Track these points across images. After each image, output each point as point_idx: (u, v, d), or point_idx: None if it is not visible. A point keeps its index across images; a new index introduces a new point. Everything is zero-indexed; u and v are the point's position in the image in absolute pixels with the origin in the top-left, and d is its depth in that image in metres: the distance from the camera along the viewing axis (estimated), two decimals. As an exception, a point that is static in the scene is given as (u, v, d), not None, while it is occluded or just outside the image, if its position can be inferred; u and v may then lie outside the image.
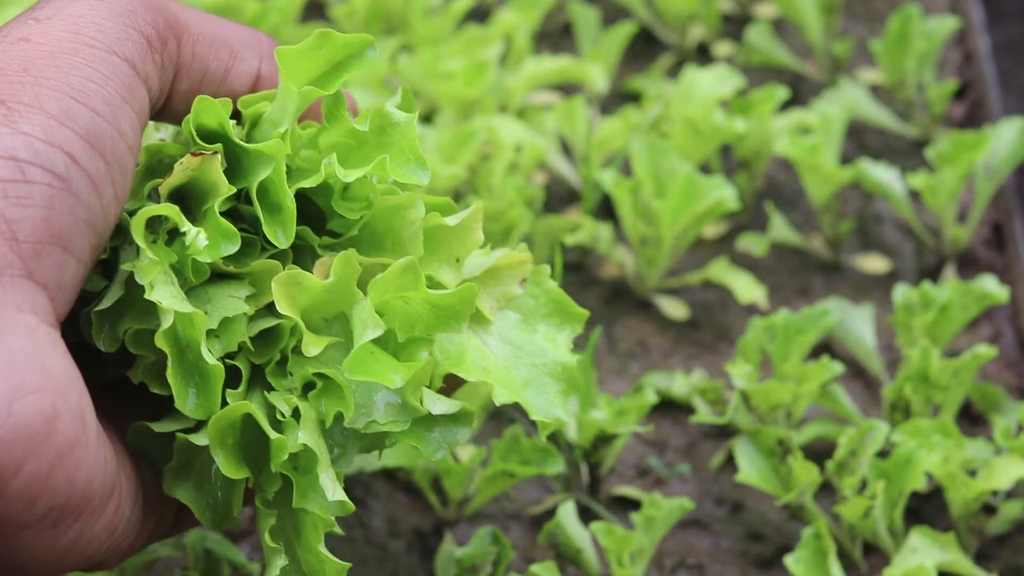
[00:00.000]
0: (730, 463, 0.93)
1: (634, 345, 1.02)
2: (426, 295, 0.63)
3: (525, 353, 0.68)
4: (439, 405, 0.64)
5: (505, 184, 1.01)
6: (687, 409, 0.96)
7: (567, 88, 1.24)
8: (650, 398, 0.87)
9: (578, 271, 1.08)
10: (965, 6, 1.30)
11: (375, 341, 0.61)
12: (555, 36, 1.32)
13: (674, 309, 1.04)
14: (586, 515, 0.89)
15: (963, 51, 1.28)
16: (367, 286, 0.63)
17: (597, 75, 1.17)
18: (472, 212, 0.67)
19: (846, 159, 1.17)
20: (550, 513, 0.90)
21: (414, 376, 0.62)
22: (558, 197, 1.14)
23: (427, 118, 1.19)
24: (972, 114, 1.21)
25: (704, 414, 0.89)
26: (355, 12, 1.25)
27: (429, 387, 0.64)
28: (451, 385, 0.67)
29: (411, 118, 0.65)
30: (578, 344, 0.91)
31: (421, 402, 0.63)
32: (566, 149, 1.17)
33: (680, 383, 0.93)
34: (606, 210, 1.11)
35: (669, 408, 0.97)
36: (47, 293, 0.56)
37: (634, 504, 0.90)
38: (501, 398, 0.65)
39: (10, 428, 0.53)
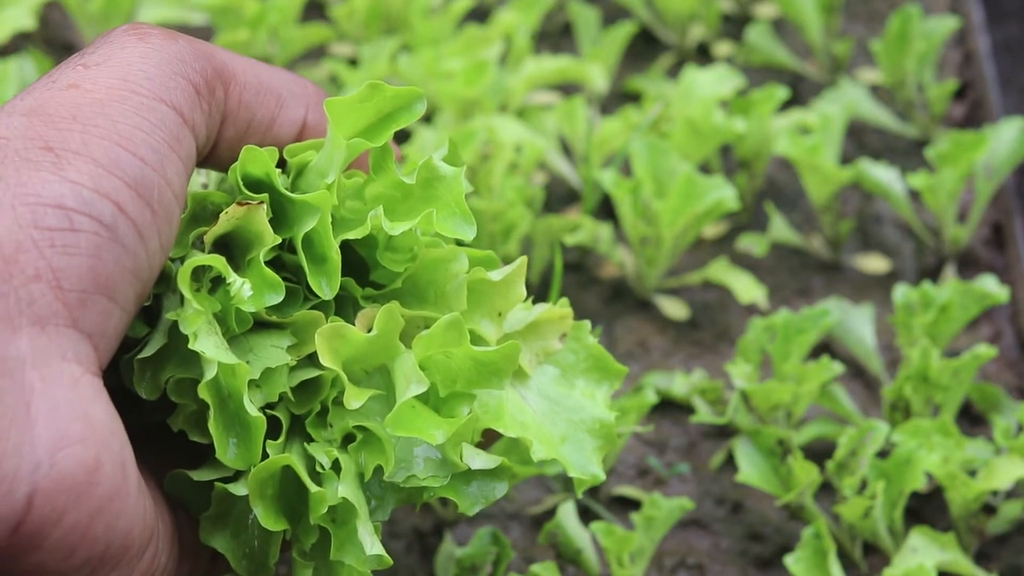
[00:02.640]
0: (730, 463, 0.93)
1: (634, 345, 1.02)
2: (469, 351, 0.63)
3: (563, 408, 0.67)
4: (478, 460, 0.63)
5: (505, 184, 1.01)
6: (687, 409, 0.96)
7: (567, 88, 1.24)
8: (650, 398, 0.87)
9: (578, 271, 1.08)
10: (965, 6, 1.30)
11: (417, 396, 0.61)
12: (555, 36, 1.32)
13: (674, 309, 1.04)
14: (586, 515, 0.89)
15: (963, 51, 1.28)
16: (408, 338, 0.63)
17: (597, 75, 1.17)
18: (516, 267, 0.67)
19: (846, 159, 1.17)
20: (550, 513, 0.90)
21: (455, 432, 0.62)
22: (558, 197, 1.14)
23: (427, 118, 1.19)
24: (972, 114, 1.21)
25: (704, 414, 0.89)
26: (355, 12, 1.24)
27: (468, 441, 0.64)
28: (488, 439, 0.67)
29: (458, 172, 0.65)
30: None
31: (461, 457, 0.63)
32: (566, 149, 1.17)
33: (680, 383, 0.93)
34: (606, 210, 1.11)
35: (669, 408, 0.97)
36: (91, 342, 0.56)
37: (634, 504, 0.90)
38: (539, 454, 0.64)
39: (53, 478, 0.53)
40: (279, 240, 0.63)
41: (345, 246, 0.64)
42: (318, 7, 1.34)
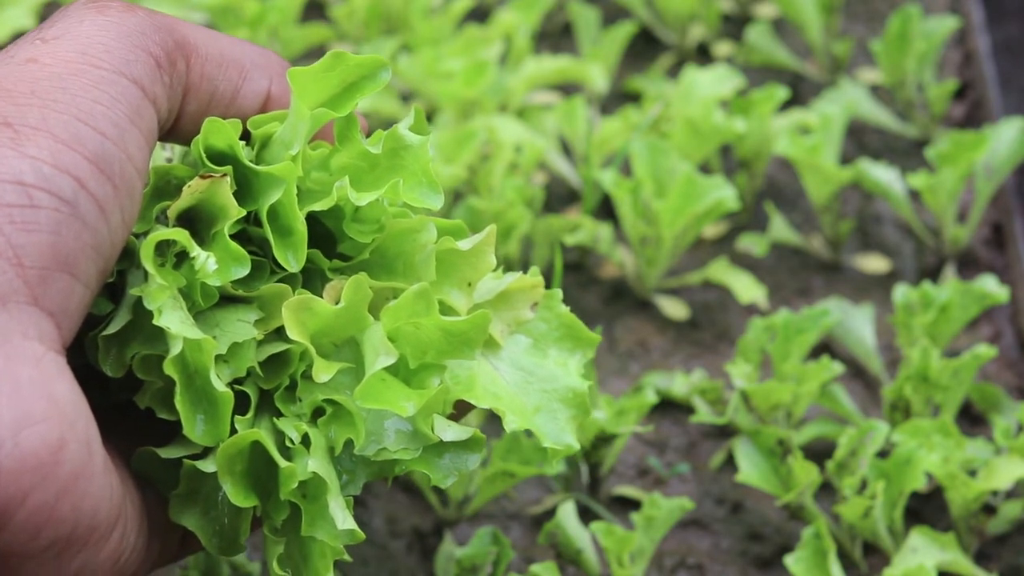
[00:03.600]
0: (730, 463, 0.93)
1: (634, 345, 1.02)
2: (439, 321, 0.62)
3: (536, 378, 0.67)
4: (450, 432, 0.63)
5: (505, 184, 1.01)
6: (687, 409, 0.96)
7: (567, 88, 1.24)
8: (650, 398, 0.87)
9: (578, 271, 1.08)
10: (965, 6, 1.30)
11: (387, 368, 0.61)
12: (555, 36, 1.32)
13: (674, 309, 1.04)
14: (586, 515, 0.89)
15: (963, 51, 1.28)
16: (377, 310, 0.62)
17: (597, 75, 1.17)
18: (485, 236, 0.66)
19: (846, 159, 1.17)
20: (550, 513, 0.90)
21: (426, 403, 0.61)
22: (558, 197, 1.14)
23: (427, 118, 1.19)
24: (972, 114, 1.21)
25: (704, 414, 0.89)
26: (355, 12, 1.25)
27: (440, 413, 0.63)
28: (461, 410, 0.67)
29: (424, 141, 0.64)
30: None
31: (432, 429, 0.62)
32: (566, 149, 1.17)
33: (680, 383, 0.93)
34: (606, 210, 1.11)
35: (669, 408, 0.97)
36: (53, 320, 0.55)
37: (634, 504, 0.90)
38: (511, 424, 0.64)
39: (17, 458, 0.52)
40: (244, 213, 0.62)
41: (311, 218, 0.64)
42: (318, 7, 1.34)
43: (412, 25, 1.22)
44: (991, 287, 0.94)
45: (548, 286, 1.03)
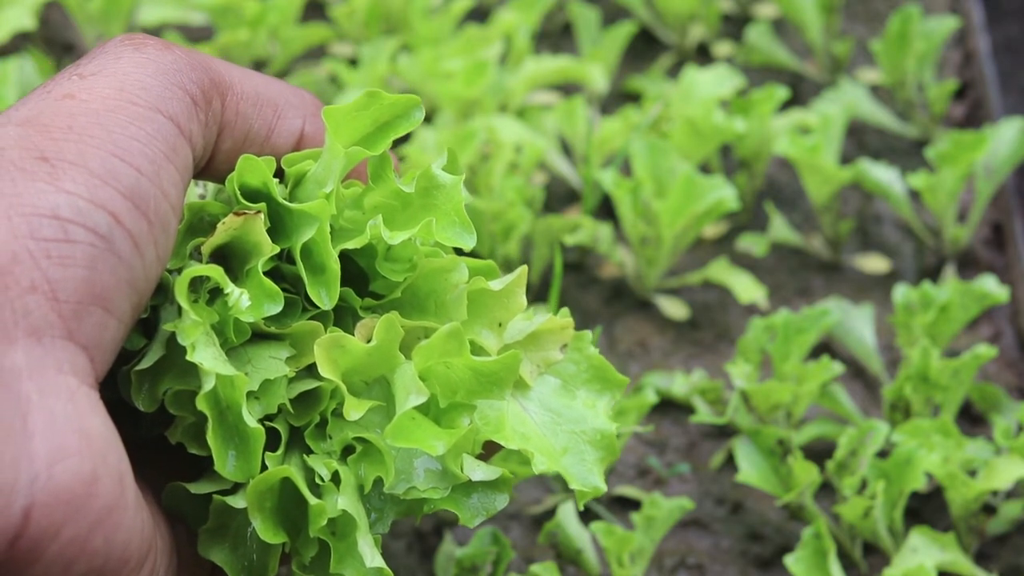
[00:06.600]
0: (730, 463, 0.93)
1: (634, 345, 1.02)
2: (469, 361, 0.63)
3: (565, 420, 0.67)
4: (479, 472, 0.63)
5: (505, 184, 1.01)
6: (687, 409, 0.96)
7: (567, 88, 1.24)
8: (650, 398, 0.87)
9: (578, 271, 1.08)
10: (965, 6, 1.30)
11: (417, 407, 0.61)
12: (555, 36, 1.32)
13: (674, 309, 1.04)
14: (586, 515, 0.89)
15: (963, 51, 1.28)
16: (408, 349, 0.62)
17: (597, 75, 1.17)
18: (516, 277, 0.66)
19: (846, 159, 1.17)
20: (550, 513, 0.90)
21: (456, 443, 0.62)
22: (558, 197, 1.14)
23: (427, 118, 1.19)
24: (972, 114, 1.21)
25: (704, 414, 0.89)
26: (355, 12, 1.25)
27: (469, 453, 0.64)
28: (489, 451, 0.67)
29: (457, 180, 0.65)
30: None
31: (461, 468, 0.63)
32: (566, 149, 1.17)
33: (680, 383, 0.93)
34: (606, 210, 1.11)
35: (669, 408, 0.97)
36: (87, 354, 0.55)
37: (634, 504, 0.91)
38: (540, 466, 0.64)
39: (50, 491, 0.53)
40: (277, 250, 0.62)
41: (344, 256, 0.64)
42: (318, 7, 1.34)
43: (412, 25, 1.22)
44: (991, 287, 0.94)
45: (548, 286, 1.03)
